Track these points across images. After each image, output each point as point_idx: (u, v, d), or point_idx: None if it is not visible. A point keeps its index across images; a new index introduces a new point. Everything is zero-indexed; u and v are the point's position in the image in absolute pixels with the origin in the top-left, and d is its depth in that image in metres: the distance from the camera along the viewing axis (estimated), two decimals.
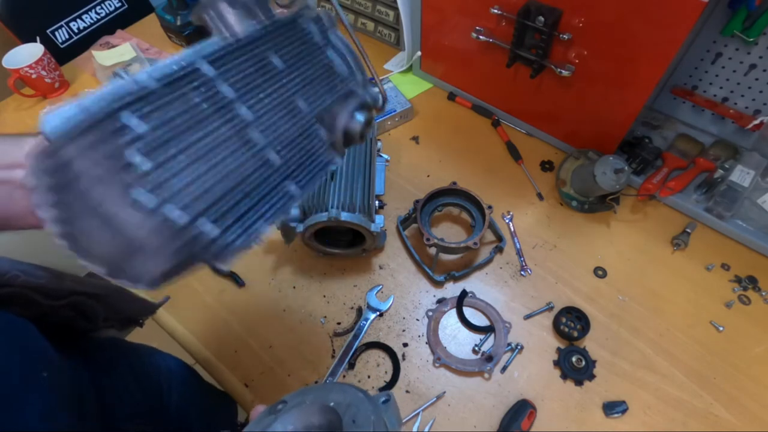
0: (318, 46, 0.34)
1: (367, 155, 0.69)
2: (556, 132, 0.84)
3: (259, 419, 0.33)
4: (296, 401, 0.33)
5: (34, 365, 0.43)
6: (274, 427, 0.31)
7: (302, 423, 0.32)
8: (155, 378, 0.66)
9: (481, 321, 0.67)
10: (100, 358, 0.56)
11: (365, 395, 0.32)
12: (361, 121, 0.34)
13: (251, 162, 0.28)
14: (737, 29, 0.67)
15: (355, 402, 0.31)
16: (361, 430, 0.28)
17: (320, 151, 0.33)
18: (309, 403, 0.33)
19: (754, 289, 0.69)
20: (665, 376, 0.62)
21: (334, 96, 0.34)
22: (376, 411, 0.30)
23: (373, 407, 0.31)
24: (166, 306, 0.69)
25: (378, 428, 0.29)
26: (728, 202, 0.71)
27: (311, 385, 0.34)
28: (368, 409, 0.30)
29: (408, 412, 0.60)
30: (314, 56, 0.33)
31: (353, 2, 1.03)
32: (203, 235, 0.26)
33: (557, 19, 0.66)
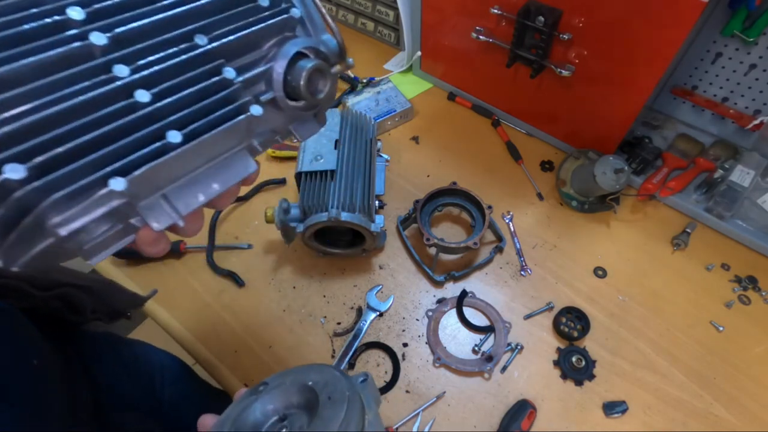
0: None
1: (367, 155, 0.69)
2: (556, 132, 0.84)
3: (240, 400, 0.34)
4: (277, 382, 0.34)
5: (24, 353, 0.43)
6: (253, 409, 0.32)
7: (282, 403, 0.33)
8: (148, 371, 0.66)
9: (481, 321, 0.67)
10: (92, 350, 0.57)
11: (342, 374, 0.33)
12: (305, 68, 0.29)
13: (106, 97, 0.23)
14: (737, 29, 0.67)
15: (331, 380, 0.32)
16: (335, 405, 0.29)
17: (222, 97, 0.27)
18: (289, 383, 0.33)
19: (754, 289, 0.69)
20: (665, 376, 0.62)
21: (257, 34, 0.29)
22: (351, 388, 0.31)
23: (348, 385, 0.31)
24: (166, 306, 0.69)
25: (353, 404, 0.29)
26: (728, 202, 0.71)
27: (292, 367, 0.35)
28: (344, 387, 0.31)
29: (408, 412, 0.60)
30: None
31: (353, 2, 1.03)
32: (9, 182, 0.20)
33: (557, 19, 0.66)
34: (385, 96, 0.91)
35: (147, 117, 0.24)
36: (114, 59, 0.24)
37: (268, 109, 0.31)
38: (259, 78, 0.30)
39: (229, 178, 0.29)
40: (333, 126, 0.71)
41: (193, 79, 0.26)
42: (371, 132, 0.74)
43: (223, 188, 0.29)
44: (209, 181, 0.28)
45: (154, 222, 0.26)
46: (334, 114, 0.73)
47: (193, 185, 0.28)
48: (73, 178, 0.22)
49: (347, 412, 0.29)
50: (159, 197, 0.26)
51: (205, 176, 0.28)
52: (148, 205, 0.26)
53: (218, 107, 0.27)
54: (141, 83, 0.24)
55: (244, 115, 0.28)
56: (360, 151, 0.69)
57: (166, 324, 0.69)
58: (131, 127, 0.24)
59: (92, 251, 0.26)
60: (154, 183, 0.25)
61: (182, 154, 0.25)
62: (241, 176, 0.30)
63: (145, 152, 0.24)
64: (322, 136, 0.69)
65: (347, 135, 0.70)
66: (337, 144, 0.68)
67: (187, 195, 0.27)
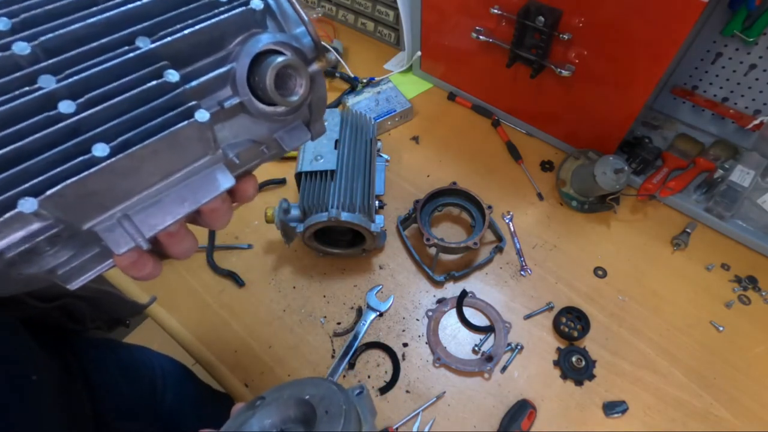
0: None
1: (367, 155, 0.69)
2: (556, 132, 0.84)
3: (237, 415, 0.34)
4: (273, 396, 0.34)
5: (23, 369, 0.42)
6: (251, 425, 0.32)
7: (279, 417, 0.33)
8: (148, 376, 0.66)
9: (481, 321, 0.67)
10: (91, 356, 0.56)
11: (338, 388, 0.33)
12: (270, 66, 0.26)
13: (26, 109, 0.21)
14: (737, 29, 0.67)
15: (328, 394, 0.32)
16: (332, 420, 0.29)
17: (162, 103, 0.24)
18: (286, 398, 0.34)
19: (754, 289, 0.69)
20: (665, 376, 0.62)
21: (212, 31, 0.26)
22: (348, 402, 0.31)
23: (345, 398, 0.32)
24: (166, 306, 0.69)
25: (349, 418, 0.30)
26: (728, 202, 0.71)
27: (288, 381, 0.35)
28: (340, 400, 0.31)
29: (408, 412, 0.60)
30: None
31: (353, 2, 1.03)
32: None
33: (557, 19, 0.66)
34: (385, 96, 0.91)
35: (71, 129, 0.22)
36: (41, 69, 0.22)
37: (241, 117, 0.28)
38: (218, 81, 0.26)
39: (202, 194, 0.27)
40: (333, 126, 0.71)
41: (128, 85, 0.23)
42: (371, 132, 0.74)
43: (196, 205, 0.26)
44: (180, 199, 0.26)
45: (114, 245, 0.24)
46: (334, 114, 0.73)
47: (159, 204, 0.26)
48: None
49: (344, 425, 0.29)
50: (117, 219, 0.24)
51: (176, 194, 0.26)
52: (107, 228, 0.24)
53: (157, 115, 0.24)
54: (66, 93, 0.22)
55: (186, 122, 0.24)
56: (360, 151, 0.69)
57: (166, 324, 0.69)
58: (52, 141, 0.21)
59: (69, 276, 0.25)
60: (94, 200, 0.23)
61: (113, 168, 0.22)
62: (216, 192, 0.27)
63: (66, 167, 0.21)
64: (322, 138, 0.69)
65: (347, 135, 0.70)
66: (337, 144, 0.68)
67: (153, 214, 0.25)
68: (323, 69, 0.30)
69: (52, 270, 0.25)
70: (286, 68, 0.27)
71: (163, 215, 0.26)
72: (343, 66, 0.99)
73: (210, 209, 0.28)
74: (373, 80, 0.96)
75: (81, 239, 0.25)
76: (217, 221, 0.30)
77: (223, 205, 0.29)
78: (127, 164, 0.23)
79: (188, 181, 0.26)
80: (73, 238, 0.25)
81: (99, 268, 0.27)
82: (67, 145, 0.22)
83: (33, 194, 0.20)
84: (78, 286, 0.26)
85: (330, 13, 1.11)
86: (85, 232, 0.24)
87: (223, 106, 0.26)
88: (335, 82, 0.99)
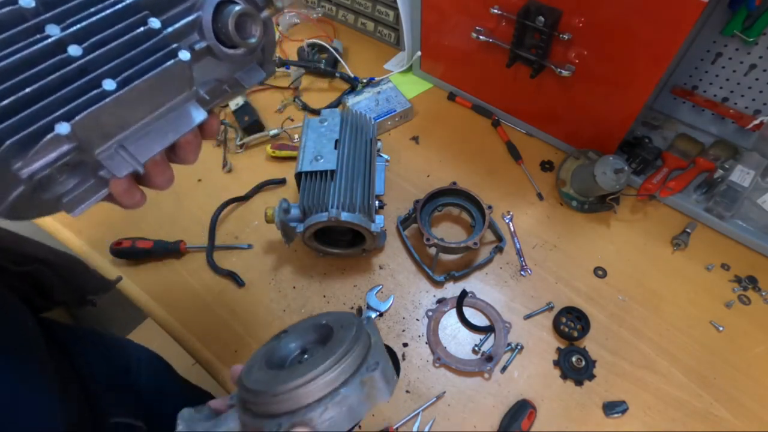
0: None
1: (367, 155, 0.69)
2: (556, 132, 0.84)
3: (264, 345, 0.39)
4: (295, 328, 0.40)
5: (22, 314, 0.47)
6: (278, 349, 0.38)
7: (302, 340, 0.39)
8: (123, 356, 0.68)
9: (481, 321, 0.67)
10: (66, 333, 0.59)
11: (350, 313, 0.39)
12: (231, 13, 0.31)
13: (41, 53, 0.26)
14: (737, 29, 0.67)
15: (342, 316, 0.38)
16: (347, 329, 0.34)
17: (150, 46, 0.30)
18: (307, 326, 0.40)
19: (754, 289, 0.69)
20: (665, 376, 0.62)
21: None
22: (359, 319, 0.37)
23: (357, 318, 0.37)
24: (166, 306, 0.69)
25: (361, 327, 0.35)
26: (728, 202, 0.71)
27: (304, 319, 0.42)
28: (352, 318, 0.37)
29: (408, 412, 0.60)
30: None
31: (353, 2, 1.03)
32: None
33: (557, 19, 0.66)
34: (385, 96, 0.91)
35: (81, 69, 0.27)
36: (45, 20, 0.26)
37: (208, 59, 0.34)
38: (188, 27, 0.32)
39: (181, 126, 0.33)
40: (333, 126, 0.71)
41: (121, 32, 0.29)
42: (371, 132, 0.74)
43: (177, 136, 0.32)
44: (164, 131, 0.32)
45: (116, 170, 0.30)
46: (335, 114, 0.73)
47: (148, 135, 0.31)
48: (22, 126, 0.25)
49: (357, 331, 0.34)
50: (116, 147, 0.30)
51: (160, 127, 0.32)
52: (108, 156, 0.30)
53: (148, 56, 0.29)
54: (72, 39, 0.27)
55: (173, 60, 0.30)
56: (360, 151, 0.69)
57: (166, 324, 0.69)
58: (68, 78, 0.27)
59: (71, 204, 0.30)
60: (101, 129, 0.28)
61: (120, 100, 0.28)
62: (193, 124, 0.33)
63: (85, 99, 0.27)
64: (322, 137, 0.69)
65: (347, 135, 0.70)
66: (337, 144, 0.68)
67: (143, 144, 0.31)
68: (272, 15, 0.35)
69: (60, 197, 0.30)
70: (243, 15, 0.32)
71: (152, 144, 0.31)
72: (343, 66, 0.99)
73: (186, 141, 0.33)
74: (373, 80, 0.96)
75: (84, 169, 0.30)
76: (190, 154, 0.35)
77: (195, 139, 0.35)
78: (129, 97, 0.28)
79: (169, 116, 0.32)
80: (78, 168, 0.29)
81: (96, 197, 0.31)
82: (80, 82, 0.27)
83: (63, 121, 0.26)
84: (79, 213, 0.31)
85: (330, 13, 1.11)
86: (91, 161, 0.29)
87: (194, 49, 0.32)
88: (335, 82, 0.99)
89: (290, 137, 0.88)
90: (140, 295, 0.71)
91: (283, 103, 0.94)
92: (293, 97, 0.95)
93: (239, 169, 0.85)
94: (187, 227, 0.78)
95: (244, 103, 0.90)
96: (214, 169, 0.85)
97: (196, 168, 0.85)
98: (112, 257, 0.73)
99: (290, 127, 0.89)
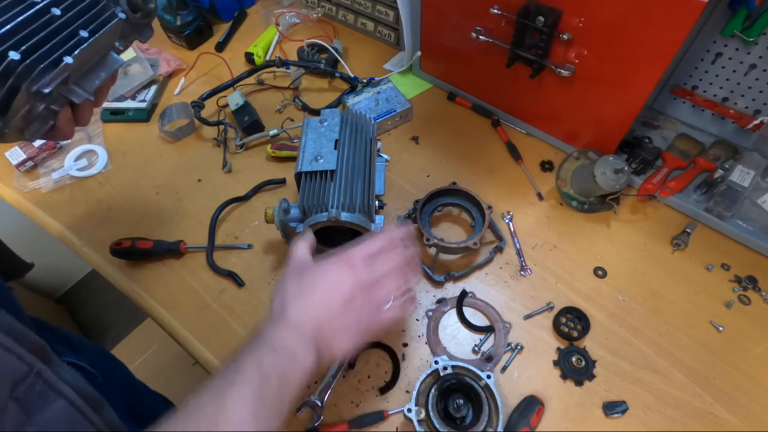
0: None
1: (367, 155, 0.69)
2: (556, 132, 0.84)
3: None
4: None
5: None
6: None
7: None
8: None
9: (481, 321, 0.67)
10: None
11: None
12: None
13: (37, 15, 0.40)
14: (737, 29, 0.67)
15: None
16: None
17: (101, 8, 0.46)
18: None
19: (754, 289, 0.69)
20: (665, 376, 0.62)
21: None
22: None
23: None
24: (166, 306, 0.70)
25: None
26: (728, 202, 0.71)
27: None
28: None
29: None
30: None
31: (353, 2, 1.03)
32: (12, 61, 0.38)
33: (557, 19, 0.66)
34: (385, 96, 0.91)
35: (61, 25, 0.42)
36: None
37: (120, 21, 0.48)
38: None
39: (109, 68, 0.49)
40: (333, 126, 0.71)
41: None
42: (371, 132, 0.74)
43: (108, 74, 0.49)
44: (99, 71, 0.48)
45: (76, 98, 0.45)
46: (334, 114, 0.73)
47: (91, 74, 0.47)
48: (38, 61, 0.40)
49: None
50: (73, 83, 0.45)
51: (98, 69, 0.48)
52: (67, 90, 0.44)
53: (99, 16, 0.46)
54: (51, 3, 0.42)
55: (117, 19, 0.47)
56: (360, 151, 0.69)
57: (166, 324, 0.69)
58: (57, 29, 0.42)
59: (33, 135, 0.44)
60: (79, 66, 0.44)
61: (92, 45, 0.44)
62: (117, 65, 0.49)
63: (70, 45, 0.43)
64: (321, 137, 0.69)
65: (347, 135, 0.70)
66: (337, 144, 0.68)
67: (89, 81, 0.47)
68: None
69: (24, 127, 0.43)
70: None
71: (94, 80, 0.47)
72: (343, 66, 0.99)
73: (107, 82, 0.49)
74: (373, 80, 0.96)
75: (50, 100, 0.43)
76: (105, 95, 0.52)
77: (112, 81, 0.51)
78: (95, 44, 0.45)
79: (101, 61, 0.48)
80: (46, 99, 0.43)
81: (46, 126, 0.45)
82: (64, 33, 0.42)
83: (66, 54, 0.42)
84: (35, 139, 0.45)
85: (330, 13, 1.11)
86: (56, 94, 0.43)
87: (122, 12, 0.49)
88: (335, 82, 0.99)
89: (290, 137, 0.88)
90: (140, 295, 0.71)
91: (283, 103, 0.94)
92: (293, 97, 0.95)
93: (239, 169, 0.85)
94: (187, 227, 0.78)
95: (244, 103, 0.90)
96: (214, 169, 0.85)
97: (196, 168, 0.86)
98: (112, 257, 0.73)
99: (290, 127, 0.89)
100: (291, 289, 0.47)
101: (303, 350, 0.43)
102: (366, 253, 0.50)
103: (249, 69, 0.95)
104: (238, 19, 1.14)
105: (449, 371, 0.58)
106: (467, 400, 0.57)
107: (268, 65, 0.96)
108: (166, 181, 0.84)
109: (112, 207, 0.81)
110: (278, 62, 0.95)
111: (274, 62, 0.95)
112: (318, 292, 0.47)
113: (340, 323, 0.46)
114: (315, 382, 0.62)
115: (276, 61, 0.95)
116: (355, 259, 0.49)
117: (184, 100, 0.94)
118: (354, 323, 0.47)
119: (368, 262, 0.49)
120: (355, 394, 0.62)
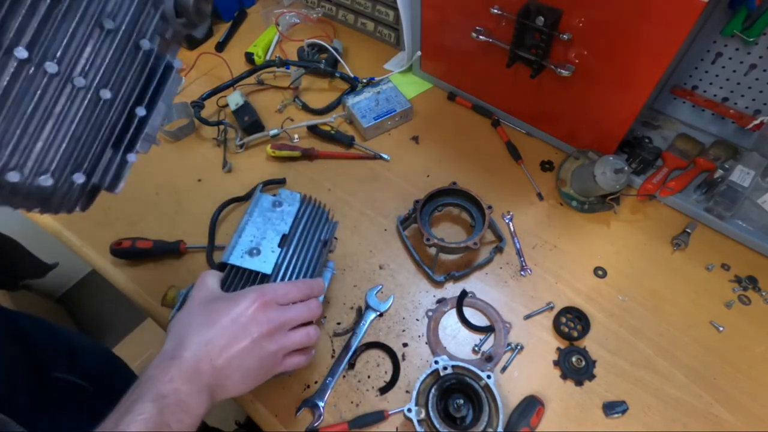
0: None
1: (313, 262, 0.60)
2: (556, 132, 0.84)
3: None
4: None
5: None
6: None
7: None
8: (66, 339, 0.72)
9: (481, 321, 0.67)
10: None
11: None
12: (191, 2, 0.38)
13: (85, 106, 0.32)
14: (737, 29, 0.67)
15: None
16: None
17: (152, 61, 0.35)
18: None
19: (754, 289, 0.69)
20: (665, 376, 0.62)
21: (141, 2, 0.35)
22: None
23: None
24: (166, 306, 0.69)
25: None
26: (728, 202, 0.71)
27: None
28: None
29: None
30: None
31: (353, 2, 1.03)
32: (74, 185, 0.34)
33: (557, 19, 0.66)
34: (385, 96, 0.91)
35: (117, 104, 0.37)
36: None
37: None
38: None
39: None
40: (287, 215, 0.60)
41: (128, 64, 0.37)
42: (327, 232, 0.63)
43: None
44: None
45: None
46: (294, 200, 0.62)
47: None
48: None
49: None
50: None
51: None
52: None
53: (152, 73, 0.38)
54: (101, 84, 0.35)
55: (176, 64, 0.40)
56: (306, 256, 0.59)
57: (166, 324, 0.69)
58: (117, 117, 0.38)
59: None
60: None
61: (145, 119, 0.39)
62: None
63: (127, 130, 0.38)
64: (268, 224, 0.59)
65: (298, 232, 0.60)
66: (283, 240, 0.58)
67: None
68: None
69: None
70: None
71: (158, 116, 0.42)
72: (343, 66, 0.99)
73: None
74: (373, 80, 0.96)
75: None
76: None
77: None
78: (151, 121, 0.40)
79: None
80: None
81: None
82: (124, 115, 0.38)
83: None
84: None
85: (330, 13, 1.11)
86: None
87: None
88: (335, 82, 0.99)
89: (290, 137, 0.88)
90: (140, 295, 0.71)
91: (283, 103, 0.94)
92: (293, 97, 0.95)
93: (239, 169, 0.85)
94: (187, 227, 0.78)
95: (244, 103, 0.90)
96: (214, 169, 0.85)
97: (196, 168, 0.86)
98: (112, 257, 0.73)
99: (290, 127, 0.89)
100: (195, 320, 0.45)
101: (196, 398, 0.40)
102: (283, 294, 0.48)
103: (249, 69, 0.95)
104: (238, 19, 1.14)
105: (449, 371, 0.58)
106: (467, 400, 0.57)
107: (268, 65, 0.96)
108: (166, 181, 0.84)
109: (112, 207, 0.81)
110: (278, 62, 0.95)
111: (274, 62, 0.95)
112: (223, 327, 0.44)
113: (241, 364, 0.44)
114: (315, 382, 0.62)
115: (276, 61, 0.95)
116: (269, 298, 0.47)
117: (184, 99, 0.94)
118: (256, 366, 0.45)
119: (282, 307, 0.48)
120: (355, 394, 0.62)
